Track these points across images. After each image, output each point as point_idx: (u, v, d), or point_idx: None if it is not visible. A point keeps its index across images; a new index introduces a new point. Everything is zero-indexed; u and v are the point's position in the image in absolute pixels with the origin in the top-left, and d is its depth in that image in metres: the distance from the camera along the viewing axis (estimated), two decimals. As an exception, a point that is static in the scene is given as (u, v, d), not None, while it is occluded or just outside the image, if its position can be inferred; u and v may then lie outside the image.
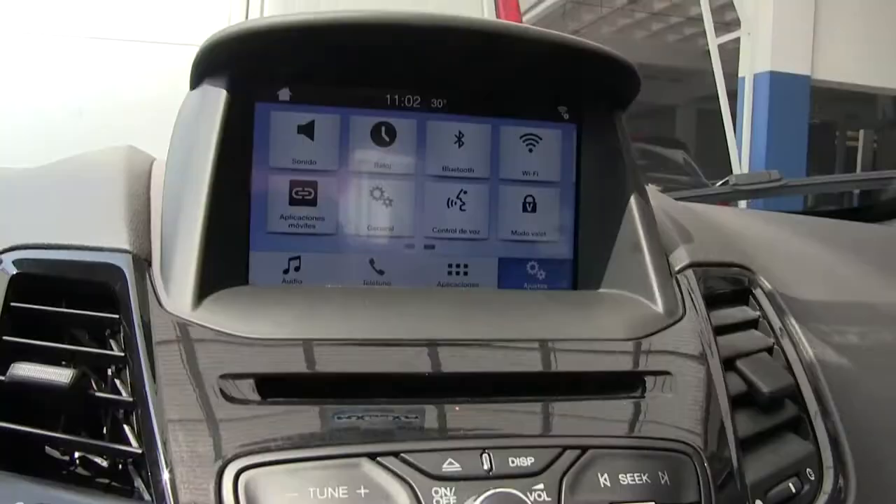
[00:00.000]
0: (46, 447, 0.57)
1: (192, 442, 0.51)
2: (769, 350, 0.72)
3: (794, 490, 0.60)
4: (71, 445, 0.54)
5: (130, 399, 0.54)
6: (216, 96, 0.66)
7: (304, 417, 0.52)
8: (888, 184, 1.45)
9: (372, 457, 0.50)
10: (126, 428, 0.56)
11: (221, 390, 0.53)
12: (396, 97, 0.71)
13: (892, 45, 6.26)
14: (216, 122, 0.65)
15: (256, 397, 0.53)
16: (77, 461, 0.57)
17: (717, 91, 5.93)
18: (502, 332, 0.61)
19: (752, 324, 0.75)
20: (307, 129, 0.70)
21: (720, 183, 1.68)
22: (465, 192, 0.73)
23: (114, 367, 0.59)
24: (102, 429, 0.58)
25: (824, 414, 0.67)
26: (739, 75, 6.27)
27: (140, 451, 0.52)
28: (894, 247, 1.05)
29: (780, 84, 6.08)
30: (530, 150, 0.74)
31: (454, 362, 0.58)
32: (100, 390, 0.56)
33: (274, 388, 0.54)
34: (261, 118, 0.69)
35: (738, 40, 6.35)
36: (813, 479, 0.62)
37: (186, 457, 0.50)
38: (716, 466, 0.56)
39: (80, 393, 0.55)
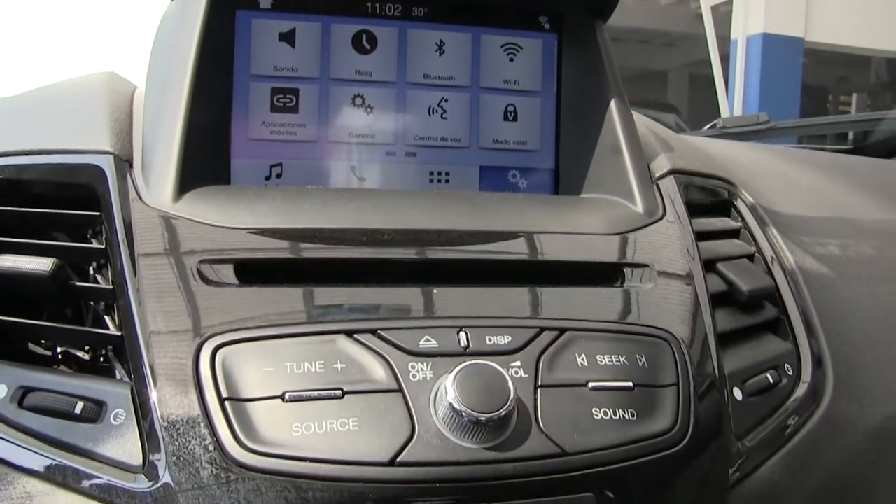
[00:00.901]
0: (29, 344, 0.57)
1: (171, 323, 0.51)
2: (750, 257, 0.72)
3: (771, 381, 0.60)
4: (52, 334, 0.55)
5: (110, 287, 0.55)
6: (197, 4, 0.66)
7: (282, 299, 0.53)
8: (877, 124, 1.45)
9: (349, 334, 0.51)
10: (107, 319, 0.56)
11: (200, 274, 0.53)
12: (378, 5, 0.71)
13: (886, 7, 6.23)
14: (196, 29, 0.65)
15: (235, 281, 0.54)
16: (59, 356, 0.57)
17: (709, 55, 5.90)
18: (482, 224, 0.62)
19: (733, 233, 0.75)
20: (288, 37, 0.70)
21: (708, 126, 1.68)
22: (446, 101, 0.73)
23: (95, 264, 0.59)
24: (84, 323, 0.58)
25: (803, 315, 0.68)
26: (732, 38, 6.23)
27: (119, 334, 0.52)
28: (882, 172, 1.05)
29: (772, 47, 6.05)
30: (511, 60, 0.74)
31: (433, 250, 0.58)
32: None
33: (252, 272, 0.54)
34: (242, 26, 0.68)
35: (731, 2, 6.31)
36: (791, 373, 0.63)
37: (165, 337, 0.50)
38: (693, 353, 0.56)
39: (61, 283, 0.55)
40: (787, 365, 0.63)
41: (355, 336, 0.50)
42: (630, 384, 0.52)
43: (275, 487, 0.45)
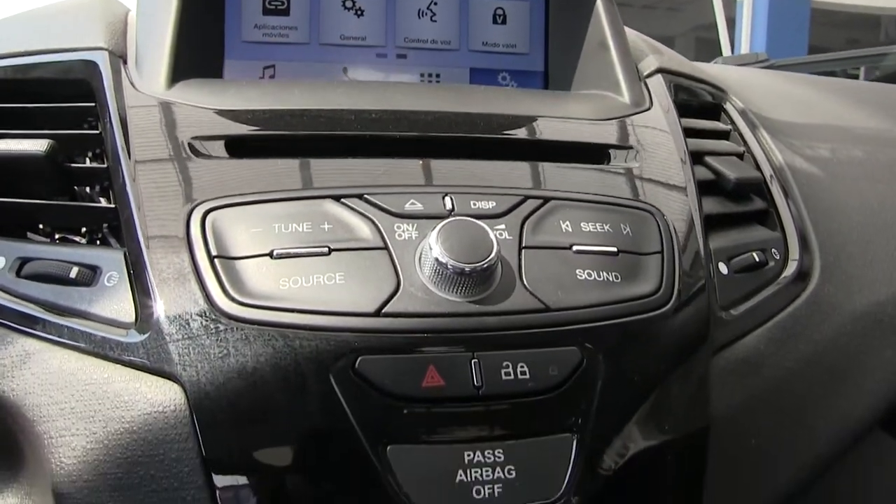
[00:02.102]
0: (28, 234, 0.58)
1: (163, 192, 0.52)
2: (739, 156, 0.73)
3: (757, 259, 0.61)
4: (48, 213, 0.56)
5: (104, 166, 0.56)
6: None
7: (271, 169, 0.54)
8: (879, 60, 1.45)
9: (336, 198, 0.52)
10: (102, 201, 0.58)
11: (192, 148, 0.54)
12: None
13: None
14: None
15: (225, 155, 0.55)
16: (56, 241, 0.58)
17: (715, 19, 5.85)
18: (471, 108, 0.62)
19: (722, 135, 0.76)
20: None
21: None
22: (436, 3, 0.73)
23: (90, 153, 0.60)
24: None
25: (791, 207, 0.69)
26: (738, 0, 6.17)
27: (113, 206, 0.54)
28: (876, 91, 1.05)
29: (779, 8, 5.98)
30: (500, -37, 0.75)
31: (421, 127, 0.59)
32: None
33: (242, 147, 0.55)
34: (233, -71, 0.69)
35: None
36: (778, 257, 0.64)
37: (157, 204, 0.52)
38: (678, 225, 0.57)
39: (57, 165, 0.56)
40: (773, 249, 0.64)
41: (342, 200, 0.52)
42: (614, 249, 0.53)
43: (262, 337, 0.46)
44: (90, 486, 0.45)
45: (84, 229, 0.57)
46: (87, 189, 0.59)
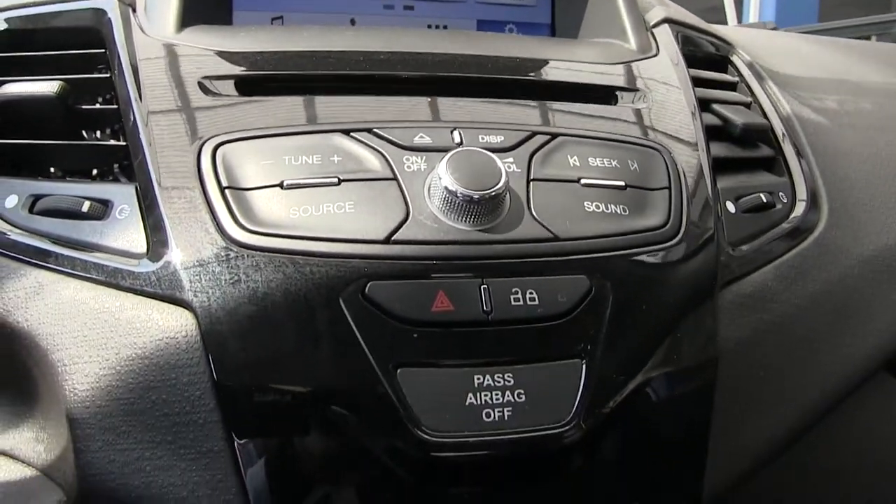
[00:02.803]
0: (39, 178, 0.58)
1: (173, 129, 0.53)
2: (746, 105, 0.73)
3: (764, 200, 0.61)
4: (60, 153, 0.56)
5: (115, 106, 0.56)
6: None
7: (280, 106, 0.54)
8: (889, 28, 1.44)
9: (345, 132, 0.52)
10: (112, 141, 0.58)
11: (202, 88, 0.55)
12: None
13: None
14: None
15: (235, 94, 0.55)
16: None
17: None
18: (479, 51, 0.63)
19: (729, 86, 0.76)
20: None
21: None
22: (443, -46, 0.73)
23: (100, 99, 0.61)
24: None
25: (799, 154, 0.69)
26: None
27: (124, 143, 0.54)
28: (885, 50, 1.05)
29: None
30: (507, -87, 0.75)
31: (429, 67, 0.59)
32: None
33: (252, 86, 0.56)
34: None
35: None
36: (786, 201, 0.64)
37: (167, 140, 0.52)
38: (685, 163, 0.57)
39: (68, 107, 0.56)
40: (781, 193, 0.64)
41: (351, 134, 0.52)
42: (622, 183, 0.54)
43: (273, 263, 0.47)
44: (103, 411, 0.46)
45: (95, 172, 0.57)
46: (97, 134, 0.60)
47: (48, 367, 0.47)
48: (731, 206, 0.60)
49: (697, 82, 0.69)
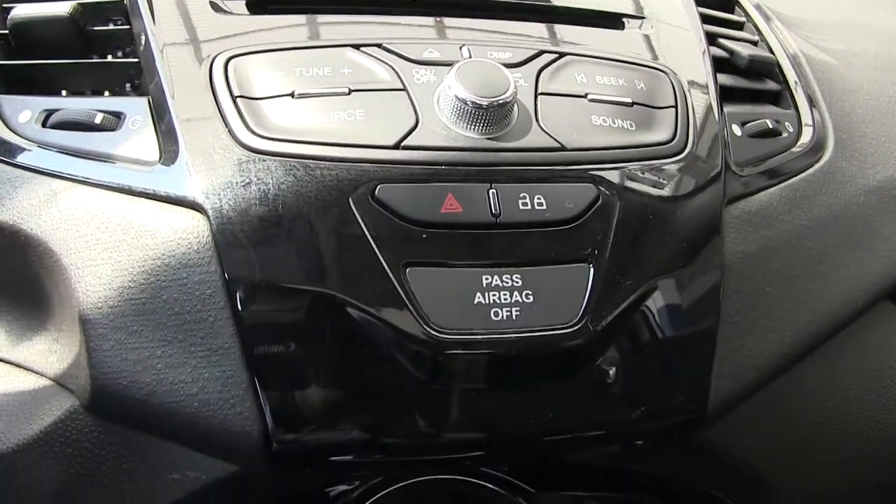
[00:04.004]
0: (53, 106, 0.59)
1: (186, 47, 0.53)
2: (753, 43, 0.73)
3: (771, 126, 0.61)
4: (73, 72, 0.57)
5: (127, 27, 0.57)
6: None
7: (290, 23, 0.55)
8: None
9: (355, 47, 0.52)
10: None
11: (213, 6, 0.55)
12: None
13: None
14: None
15: (246, 12, 0.56)
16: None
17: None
18: None
19: (737, 25, 0.76)
20: None
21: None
22: None
23: (112, 23, 0.61)
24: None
25: (805, 88, 0.69)
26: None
27: (136, 60, 0.54)
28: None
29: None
30: None
31: None
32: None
33: (263, 4, 0.56)
34: None
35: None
36: (792, 131, 0.64)
37: (180, 55, 0.52)
38: (692, 86, 0.58)
39: (80, 28, 0.57)
40: (787, 123, 0.64)
41: (361, 49, 0.52)
42: (629, 100, 0.54)
43: (283, 167, 0.47)
44: (115, 311, 0.46)
45: (107, 93, 0.57)
46: (109, 58, 0.60)
47: (61, 271, 0.48)
48: (737, 130, 0.60)
49: (705, 19, 0.70)
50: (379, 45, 0.52)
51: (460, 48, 0.53)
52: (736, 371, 0.52)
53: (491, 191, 0.48)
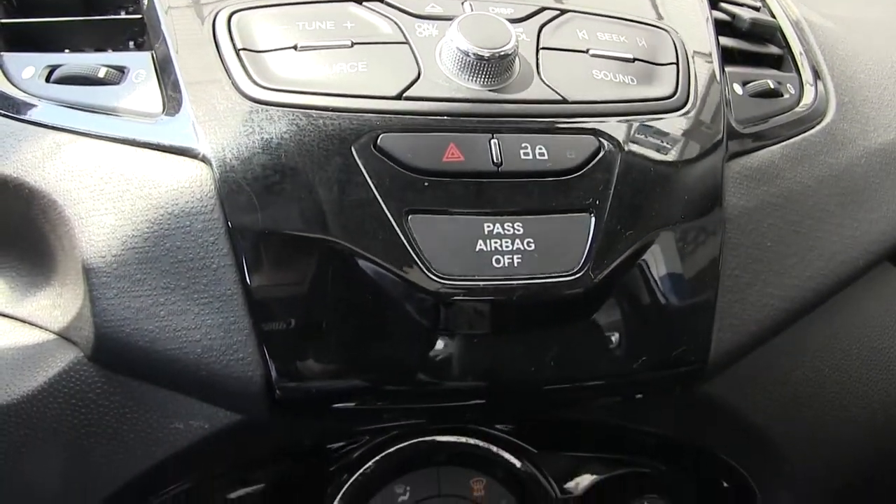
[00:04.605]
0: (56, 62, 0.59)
1: (189, 2, 0.53)
2: (756, 8, 0.73)
3: (772, 86, 0.62)
4: (76, 29, 0.57)
5: None
6: None
7: None
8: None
9: (358, 1, 0.53)
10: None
11: None
12: None
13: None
14: None
15: None
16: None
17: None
18: None
19: None
20: None
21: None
22: None
23: None
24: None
25: (807, 53, 0.69)
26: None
27: (140, 16, 0.55)
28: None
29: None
30: None
31: None
32: None
33: None
34: None
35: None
36: (794, 93, 0.64)
37: (183, 12, 0.53)
38: (694, 44, 0.58)
39: None
40: (789, 85, 0.64)
41: (364, 3, 0.53)
42: (630, 56, 0.54)
43: (286, 117, 0.47)
44: (119, 260, 0.47)
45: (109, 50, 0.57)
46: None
47: (65, 223, 0.48)
48: (738, 89, 0.60)
49: None
50: (381, 0, 0.52)
51: (462, 3, 0.53)
52: (737, 324, 0.52)
53: (492, 140, 0.48)
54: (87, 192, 0.48)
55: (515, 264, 0.47)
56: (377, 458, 0.60)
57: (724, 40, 0.64)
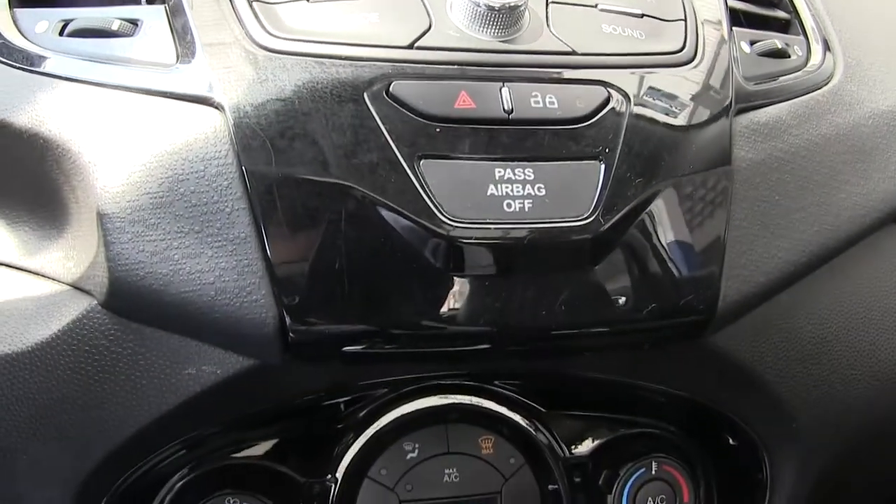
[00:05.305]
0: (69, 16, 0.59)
1: None
2: None
3: (780, 46, 0.62)
4: None
5: None
6: None
7: None
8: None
9: None
10: None
11: None
12: None
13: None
14: None
15: None
16: None
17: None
18: None
19: None
20: None
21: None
22: None
23: None
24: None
25: (815, 17, 0.69)
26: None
27: None
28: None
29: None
30: None
31: None
32: None
33: None
34: None
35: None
36: (801, 54, 0.64)
37: None
38: (700, 2, 0.58)
39: None
40: (796, 46, 0.64)
41: None
42: (639, 11, 0.55)
43: (300, 65, 0.48)
44: (133, 205, 0.47)
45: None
46: None
47: (79, 172, 0.48)
48: (745, 47, 0.60)
49: None
50: None
51: None
52: (745, 274, 0.53)
53: (503, 89, 0.49)
54: (101, 141, 0.49)
55: (526, 209, 0.47)
56: (386, 415, 0.60)
57: (733, 2, 0.65)
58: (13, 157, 0.51)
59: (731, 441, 0.65)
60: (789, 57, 0.63)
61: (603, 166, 0.49)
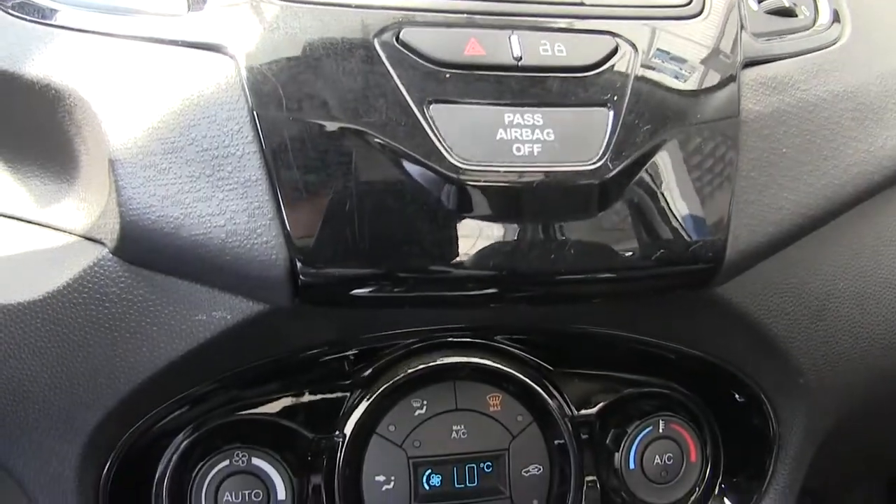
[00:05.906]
0: None
1: None
2: None
3: (787, 4, 0.62)
4: None
5: None
6: None
7: None
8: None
9: None
10: None
11: None
12: None
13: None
14: None
15: None
16: None
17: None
18: None
19: None
20: None
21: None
22: None
23: None
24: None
25: None
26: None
27: None
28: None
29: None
30: None
31: None
32: None
33: None
34: None
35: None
36: (809, 14, 0.65)
37: None
38: None
39: None
40: (804, 6, 0.64)
41: None
42: None
43: (310, 13, 0.49)
44: (145, 150, 0.47)
45: None
46: None
47: (90, 121, 0.49)
48: (753, 4, 0.60)
49: None
50: None
51: None
52: (753, 224, 0.53)
53: (513, 36, 0.49)
54: (112, 90, 0.49)
55: (535, 153, 0.47)
56: (395, 372, 0.60)
57: None
58: (25, 109, 0.52)
59: (737, 398, 0.65)
60: (796, 16, 0.63)
61: (612, 113, 0.49)
